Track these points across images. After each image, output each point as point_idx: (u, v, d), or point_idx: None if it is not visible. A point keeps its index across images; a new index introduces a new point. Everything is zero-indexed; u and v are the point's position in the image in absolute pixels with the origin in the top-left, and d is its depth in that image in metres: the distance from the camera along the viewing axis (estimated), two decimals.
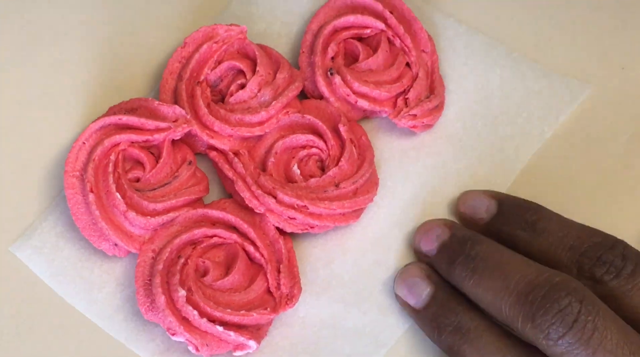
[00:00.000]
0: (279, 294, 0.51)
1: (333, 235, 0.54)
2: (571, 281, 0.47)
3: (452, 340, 0.49)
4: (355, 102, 0.54)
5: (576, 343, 0.46)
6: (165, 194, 0.52)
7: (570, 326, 0.46)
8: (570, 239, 0.50)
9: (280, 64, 0.55)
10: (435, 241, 0.52)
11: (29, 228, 0.53)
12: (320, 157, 0.54)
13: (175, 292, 0.49)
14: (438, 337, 0.50)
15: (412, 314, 0.52)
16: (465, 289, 0.50)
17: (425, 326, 0.51)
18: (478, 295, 0.49)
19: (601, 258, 0.48)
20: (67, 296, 0.52)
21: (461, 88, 0.57)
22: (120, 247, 0.52)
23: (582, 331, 0.46)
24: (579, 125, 0.56)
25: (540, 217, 0.51)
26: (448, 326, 0.50)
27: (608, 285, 0.48)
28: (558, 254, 0.50)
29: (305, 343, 0.52)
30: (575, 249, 0.49)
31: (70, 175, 0.52)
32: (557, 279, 0.47)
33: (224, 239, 0.52)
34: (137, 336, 0.51)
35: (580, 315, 0.46)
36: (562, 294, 0.46)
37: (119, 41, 0.56)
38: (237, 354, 0.50)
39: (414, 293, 0.51)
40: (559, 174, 0.55)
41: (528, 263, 0.49)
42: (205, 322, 0.49)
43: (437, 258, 0.51)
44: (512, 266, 0.48)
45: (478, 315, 0.50)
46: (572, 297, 0.46)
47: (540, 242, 0.50)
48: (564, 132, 0.56)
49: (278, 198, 0.52)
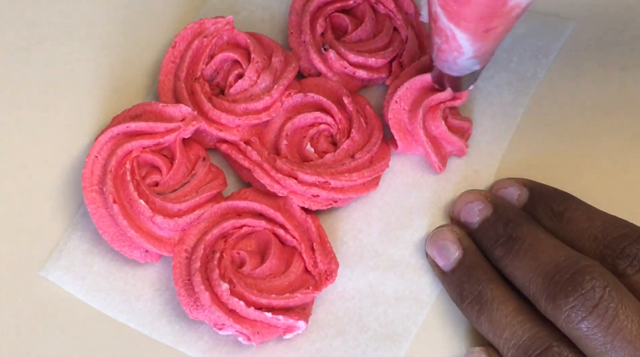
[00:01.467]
0: (317, 271, 0.51)
1: (355, 206, 0.54)
2: (597, 266, 0.47)
3: (472, 309, 0.50)
4: (353, 73, 0.55)
5: (595, 328, 0.46)
6: (186, 193, 0.52)
7: (590, 310, 0.46)
8: (595, 230, 0.50)
9: (273, 48, 0.55)
10: (477, 216, 0.52)
11: (54, 250, 0.52)
12: (330, 133, 0.54)
13: (217, 287, 0.50)
14: (461, 303, 0.51)
15: (439, 276, 0.53)
16: (500, 265, 0.51)
17: (450, 290, 0.52)
18: (511, 273, 0.50)
19: (624, 251, 0.49)
20: (106, 310, 0.52)
21: None
22: (151, 253, 0.52)
23: (602, 317, 0.46)
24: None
25: (568, 207, 0.51)
26: (470, 293, 0.50)
27: (630, 278, 0.48)
28: (582, 244, 0.50)
29: (349, 315, 0.52)
30: (599, 240, 0.49)
31: (89, 190, 0.51)
32: (584, 263, 0.48)
33: (253, 228, 0.52)
34: (184, 337, 0.51)
35: (602, 301, 0.46)
36: (587, 278, 0.47)
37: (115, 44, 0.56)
38: (287, 336, 0.51)
39: (443, 255, 0.52)
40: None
41: (561, 247, 0.49)
42: (252, 311, 0.49)
43: (478, 233, 0.52)
44: (545, 248, 0.49)
45: (500, 287, 0.50)
46: (596, 281, 0.47)
47: (565, 232, 0.51)
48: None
49: (299, 178, 0.52)
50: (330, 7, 0.56)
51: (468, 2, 0.45)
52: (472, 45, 0.48)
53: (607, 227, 0.50)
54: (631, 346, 0.46)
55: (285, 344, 0.51)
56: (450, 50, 0.49)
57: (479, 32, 0.47)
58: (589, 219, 0.50)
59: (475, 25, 0.47)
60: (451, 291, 0.52)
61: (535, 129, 0.56)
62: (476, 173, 0.55)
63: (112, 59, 0.56)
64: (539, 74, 0.57)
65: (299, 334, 0.51)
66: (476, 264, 0.51)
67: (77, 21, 0.57)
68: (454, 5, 0.46)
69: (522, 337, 0.48)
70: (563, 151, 0.56)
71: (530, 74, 0.57)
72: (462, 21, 0.47)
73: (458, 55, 0.49)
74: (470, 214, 0.52)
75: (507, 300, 0.49)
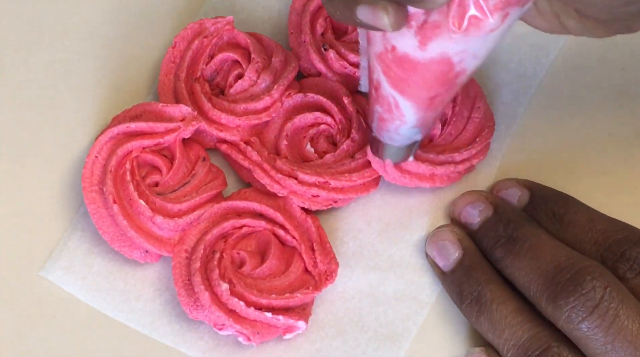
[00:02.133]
0: (317, 271, 0.51)
1: (355, 207, 0.54)
2: (598, 267, 0.47)
3: (472, 309, 0.50)
4: (353, 73, 0.55)
5: (595, 329, 0.46)
6: (186, 193, 0.52)
7: (590, 311, 0.46)
8: (595, 233, 0.50)
9: (273, 48, 0.55)
10: (478, 216, 0.52)
11: (54, 250, 0.52)
12: (330, 133, 0.54)
13: (217, 287, 0.50)
14: (460, 304, 0.51)
15: (439, 276, 0.53)
16: (500, 266, 0.51)
17: (450, 290, 0.52)
18: (511, 274, 0.50)
19: (625, 254, 0.49)
20: (105, 310, 0.52)
21: None
22: (151, 253, 0.52)
23: (603, 317, 0.46)
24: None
25: (569, 210, 0.51)
26: (470, 294, 0.50)
27: (631, 282, 0.48)
28: (583, 247, 0.50)
29: (349, 315, 0.52)
30: (599, 243, 0.49)
31: (89, 190, 0.51)
32: (584, 264, 0.47)
33: (253, 228, 0.52)
34: (184, 337, 0.51)
35: (603, 301, 0.46)
36: (587, 279, 0.47)
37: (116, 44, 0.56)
38: (287, 336, 0.51)
39: (442, 256, 0.52)
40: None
41: (561, 247, 0.49)
42: (252, 311, 0.49)
43: (479, 234, 0.52)
44: (545, 249, 0.49)
45: (500, 287, 0.50)
46: (596, 282, 0.47)
47: (566, 235, 0.50)
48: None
49: (299, 179, 0.52)
50: None
51: (414, 69, 0.45)
52: (416, 114, 0.47)
53: (608, 230, 0.50)
54: (632, 346, 0.46)
55: (285, 344, 0.51)
56: (392, 119, 0.48)
57: (424, 99, 0.46)
58: (589, 222, 0.50)
59: (420, 92, 0.46)
60: (451, 291, 0.52)
61: (535, 129, 0.56)
62: (476, 173, 0.55)
63: (112, 59, 0.56)
64: (539, 73, 0.57)
65: (299, 334, 0.51)
66: (476, 264, 0.51)
67: (77, 21, 0.57)
68: (399, 72, 0.45)
69: (522, 338, 0.48)
70: (563, 151, 0.56)
71: (530, 73, 0.57)
72: (406, 88, 0.46)
73: (400, 124, 0.48)
74: (471, 215, 0.52)
75: (507, 300, 0.49)
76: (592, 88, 0.57)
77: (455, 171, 0.53)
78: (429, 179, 0.53)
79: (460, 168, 0.53)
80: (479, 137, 0.53)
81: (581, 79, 0.57)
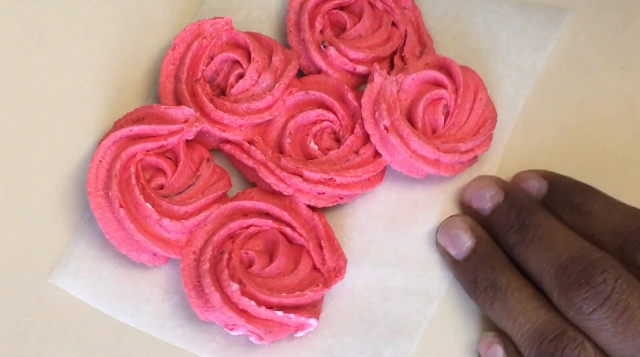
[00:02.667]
0: (326, 268, 0.52)
1: (360, 203, 0.54)
2: (610, 259, 0.47)
3: (486, 296, 0.50)
4: (354, 69, 0.55)
5: (606, 319, 0.46)
6: (192, 195, 0.52)
7: (601, 302, 0.46)
8: (614, 223, 0.49)
9: (273, 47, 0.55)
10: (489, 201, 0.52)
11: (62, 257, 0.52)
12: (333, 129, 0.54)
13: (228, 288, 0.50)
14: (474, 291, 0.51)
15: (451, 265, 0.53)
16: (512, 252, 0.51)
17: (463, 279, 0.52)
18: (523, 261, 0.50)
19: None
20: (117, 315, 0.52)
21: (448, 38, 0.58)
22: (159, 255, 0.52)
23: (613, 309, 0.46)
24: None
25: (587, 199, 0.51)
26: (484, 281, 0.51)
27: None
28: (602, 237, 0.50)
29: (359, 311, 0.52)
30: (618, 233, 0.49)
31: (94, 195, 0.51)
32: (596, 256, 0.48)
33: (260, 227, 0.52)
34: (196, 339, 0.51)
35: (614, 293, 0.46)
36: (598, 271, 0.47)
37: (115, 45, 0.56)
38: (298, 334, 0.51)
39: (455, 244, 0.52)
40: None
41: (574, 238, 0.49)
42: (264, 310, 0.49)
43: (490, 220, 0.52)
44: (558, 239, 0.49)
45: (514, 274, 0.50)
46: (607, 274, 0.47)
47: (584, 225, 0.50)
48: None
49: (304, 176, 0.52)
50: (328, 4, 0.56)
51: None
52: None
53: (626, 220, 0.49)
54: None
55: (297, 343, 0.51)
56: None
57: None
58: (607, 212, 0.50)
59: None
60: (464, 280, 0.52)
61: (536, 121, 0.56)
62: (479, 165, 0.55)
63: (113, 61, 0.56)
64: (537, 65, 0.57)
65: (310, 332, 0.51)
66: (490, 251, 0.51)
67: (76, 23, 0.56)
68: None
69: (537, 322, 0.48)
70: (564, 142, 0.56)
71: (529, 65, 0.57)
72: None
73: None
74: (482, 200, 0.52)
75: (522, 287, 0.50)
76: (592, 80, 0.57)
77: (459, 161, 0.53)
78: (434, 165, 0.53)
79: (464, 158, 0.53)
80: (483, 128, 0.54)
81: (581, 71, 0.57)
